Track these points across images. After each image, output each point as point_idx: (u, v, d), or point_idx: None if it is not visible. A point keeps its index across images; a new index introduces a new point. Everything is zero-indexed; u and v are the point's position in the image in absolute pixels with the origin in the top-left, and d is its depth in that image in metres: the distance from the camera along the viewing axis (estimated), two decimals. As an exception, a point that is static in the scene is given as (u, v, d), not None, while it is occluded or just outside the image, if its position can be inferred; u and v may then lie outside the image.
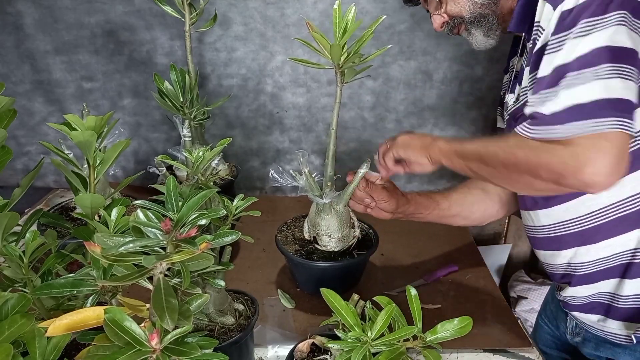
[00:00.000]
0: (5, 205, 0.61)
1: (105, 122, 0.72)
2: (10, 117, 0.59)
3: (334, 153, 1.04)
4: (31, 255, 0.65)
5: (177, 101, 1.27)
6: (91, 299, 0.67)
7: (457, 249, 1.37)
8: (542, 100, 0.77)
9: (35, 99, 1.55)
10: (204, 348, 0.61)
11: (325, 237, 1.10)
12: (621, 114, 0.71)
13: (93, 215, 0.72)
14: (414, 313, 0.72)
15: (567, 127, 0.74)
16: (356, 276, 1.20)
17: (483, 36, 0.95)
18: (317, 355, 0.83)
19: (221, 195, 0.88)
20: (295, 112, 1.57)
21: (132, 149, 1.65)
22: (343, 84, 0.95)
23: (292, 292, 1.19)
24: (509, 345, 1.03)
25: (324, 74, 1.50)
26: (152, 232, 0.55)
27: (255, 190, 1.70)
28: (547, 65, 0.77)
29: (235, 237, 0.66)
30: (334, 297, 0.73)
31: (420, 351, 0.69)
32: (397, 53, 1.47)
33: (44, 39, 1.46)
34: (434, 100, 1.54)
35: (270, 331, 1.06)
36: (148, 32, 1.45)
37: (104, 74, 1.52)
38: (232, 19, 1.43)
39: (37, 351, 0.56)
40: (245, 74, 1.51)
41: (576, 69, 0.73)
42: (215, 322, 0.88)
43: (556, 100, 0.75)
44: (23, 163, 1.65)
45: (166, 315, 0.52)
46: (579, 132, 0.73)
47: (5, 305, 0.56)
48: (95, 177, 0.73)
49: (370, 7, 1.40)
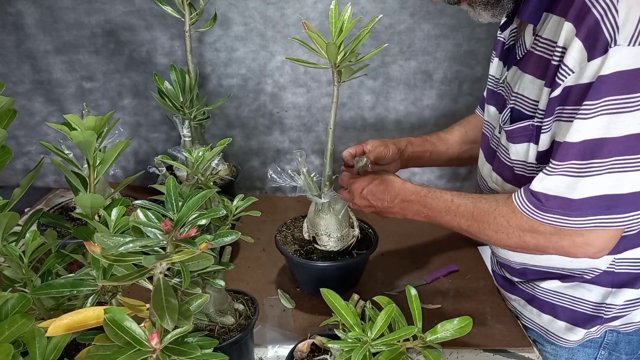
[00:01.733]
0: (5, 205, 0.61)
1: (105, 122, 0.72)
2: (10, 117, 0.60)
3: (332, 153, 1.04)
4: (31, 255, 0.65)
5: (177, 101, 1.27)
6: (91, 299, 0.67)
7: (457, 249, 1.37)
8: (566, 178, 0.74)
9: (35, 99, 1.55)
10: (204, 348, 0.61)
11: (325, 236, 1.10)
12: None
13: (93, 215, 0.72)
14: (414, 313, 0.72)
15: (589, 220, 0.75)
16: (356, 276, 1.20)
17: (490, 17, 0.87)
18: (317, 355, 0.83)
19: (221, 195, 0.88)
20: (295, 112, 1.57)
21: (132, 149, 1.65)
22: (340, 83, 0.95)
23: (292, 292, 1.19)
24: (509, 345, 1.03)
25: (324, 74, 1.50)
26: (152, 232, 0.55)
27: (255, 190, 1.70)
28: (576, 132, 0.72)
29: (235, 237, 0.67)
30: (334, 297, 0.73)
31: (420, 351, 0.69)
32: (397, 53, 1.47)
33: (44, 39, 1.46)
34: (434, 100, 1.54)
35: (270, 331, 1.06)
36: (148, 32, 1.45)
37: (104, 74, 1.52)
38: (232, 19, 1.43)
39: (37, 351, 0.56)
40: (245, 74, 1.51)
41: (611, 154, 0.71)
42: (215, 322, 0.88)
43: (583, 187, 0.73)
44: (23, 163, 1.65)
45: (166, 315, 0.52)
46: (600, 225, 0.76)
47: (5, 305, 0.56)
48: (95, 177, 0.73)
49: (370, 7, 1.40)
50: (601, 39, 0.68)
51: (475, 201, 0.87)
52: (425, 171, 1.65)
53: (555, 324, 0.98)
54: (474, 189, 1.66)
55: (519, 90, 0.86)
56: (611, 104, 0.69)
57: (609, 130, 0.70)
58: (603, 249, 0.79)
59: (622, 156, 0.71)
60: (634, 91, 0.68)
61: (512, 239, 0.83)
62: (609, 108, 0.69)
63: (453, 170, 1.64)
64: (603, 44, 0.68)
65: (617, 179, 0.72)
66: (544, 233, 0.79)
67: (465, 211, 0.87)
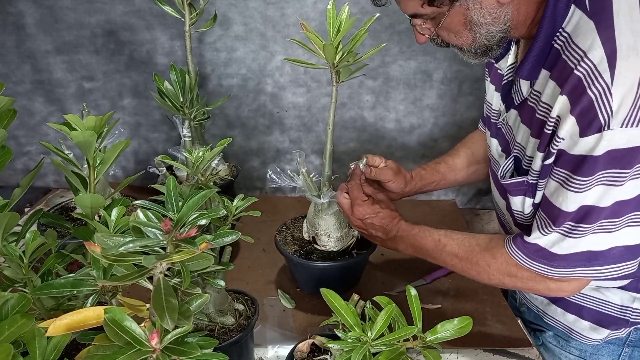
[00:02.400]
0: (5, 205, 0.61)
1: (105, 122, 0.72)
2: (10, 117, 0.60)
3: (331, 152, 1.04)
4: (31, 255, 0.65)
5: (177, 101, 1.27)
6: (91, 299, 0.67)
7: (457, 249, 1.36)
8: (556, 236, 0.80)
9: (36, 99, 1.55)
10: (204, 348, 0.61)
11: (324, 236, 1.10)
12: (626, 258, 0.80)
13: (93, 215, 0.72)
14: (414, 313, 0.72)
15: (570, 271, 0.81)
16: (356, 276, 1.20)
17: (478, 61, 0.88)
18: (317, 355, 0.83)
19: (221, 195, 0.88)
20: (295, 112, 1.57)
21: (132, 149, 1.65)
22: (338, 83, 0.96)
23: (292, 292, 1.19)
24: (509, 345, 1.03)
25: (323, 74, 1.50)
26: (152, 232, 0.55)
27: (255, 190, 1.70)
28: (572, 202, 0.76)
29: (235, 237, 0.66)
30: (333, 297, 0.73)
31: (420, 351, 0.69)
32: (397, 53, 1.47)
33: (44, 39, 1.46)
34: (434, 100, 1.54)
35: (270, 331, 1.06)
36: (148, 32, 1.45)
37: (104, 73, 1.52)
38: (232, 19, 1.43)
39: (37, 351, 0.56)
40: (245, 74, 1.51)
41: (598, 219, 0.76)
42: (215, 322, 0.88)
43: (569, 245, 0.79)
44: (23, 163, 1.65)
45: (166, 315, 0.52)
46: (579, 276, 0.82)
47: (5, 305, 0.56)
48: (95, 177, 0.73)
49: (370, 7, 1.38)
50: (595, 121, 0.69)
51: (460, 243, 0.94)
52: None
53: (580, 323, 0.98)
54: (473, 189, 1.67)
55: (520, 141, 0.88)
56: (604, 177, 0.73)
57: (600, 200, 0.74)
58: (573, 292, 0.89)
59: (606, 219, 0.76)
60: (626, 167, 0.71)
61: (492, 280, 0.90)
62: (602, 180, 0.73)
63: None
64: (596, 125, 0.70)
65: (599, 238, 0.78)
66: (522, 278, 0.87)
67: (450, 251, 0.94)
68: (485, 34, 0.80)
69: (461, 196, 1.68)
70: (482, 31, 0.80)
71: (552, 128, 0.76)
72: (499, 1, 0.77)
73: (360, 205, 1.03)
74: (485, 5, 0.77)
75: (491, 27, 0.79)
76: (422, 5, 0.79)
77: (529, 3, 0.79)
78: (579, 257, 0.80)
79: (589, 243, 0.78)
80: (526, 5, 0.79)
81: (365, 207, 1.03)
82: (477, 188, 1.67)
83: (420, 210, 1.58)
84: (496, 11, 0.78)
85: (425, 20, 0.84)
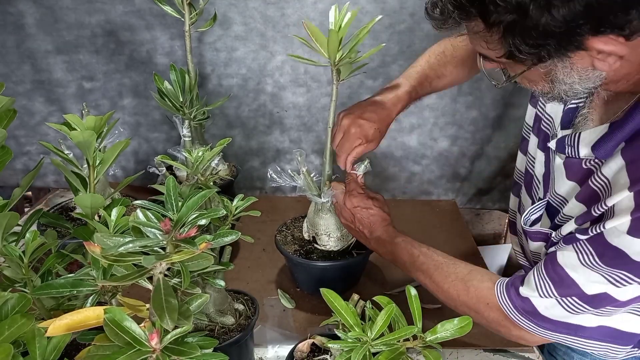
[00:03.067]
0: (5, 205, 0.61)
1: (105, 122, 0.72)
2: (10, 117, 0.59)
3: (331, 152, 1.04)
4: (31, 255, 0.65)
5: (177, 101, 1.27)
6: (91, 299, 0.67)
7: (457, 249, 1.36)
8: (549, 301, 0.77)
9: (36, 99, 1.55)
10: (204, 348, 0.61)
11: (324, 236, 1.10)
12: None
13: (93, 215, 0.72)
14: (414, 313, 0.72)
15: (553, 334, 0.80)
16: (356, 276, 1.20)
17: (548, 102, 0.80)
18: (317, 355, 0.83)
19: (221, 195, 0.88)
20: (295, 111, 1.57)
21: (132, 149, 1.65)
22: (339, 81, 0.96)
23: (292, 292, 1.19)
24: (509, 345, 1.03)
25: (324, 74, 1.50)
26: (152, 232, 0.55)
27: (255, 190, 1.70)
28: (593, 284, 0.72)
29: (235, 237, 0.66)
30: (334, 297, 0.73)
31: (420, 351, 0.69)
32: (397, 53, 1.46)
33: (44, 39, 1.46)
34: (434, 100, 1.54)
35: (270, 331, 1.06)
36: (148, 32, 1.45)
37: (104, 73, 1.52)
38: (232, 18, 1.43)
39: (37, 351, 0.56)
40: (245, 73, 1.51)
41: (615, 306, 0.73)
42: (215, 322, 0.88)
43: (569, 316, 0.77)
44: (23, 163, 1.65)
45: (166, 315, 0.52)
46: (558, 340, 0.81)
47: (5, 305, 0.56)
48: (95, 177, 0.73)
49: (370, 7, 1.40)
50: None
51: (437, 266, 0.91)
52: (426, 171, 1.65)
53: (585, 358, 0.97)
54: (473, 188, 1.67)
55: (563, 195, 0.82)
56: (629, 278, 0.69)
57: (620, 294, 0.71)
58: (536, 344, 0.90)
59: (613, 308, 0.74)
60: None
61: (458, 309, 0.89)
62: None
63: (453, 170, 1.64)
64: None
65: (596, 319, 0.77)
66: (487, 318, 0.85)
67: (426, 270, 0.92)
68: (566, 90, 0.69)
69: (461, 196, 1.68)
70: (563, 87, 0.68)
71: (603, 213, 0.69)
72: (594, 65, 0.63)
73: (355, 196, 1.03)
74: (577, 68, 0.64)
75: (576, 86, 0.67)
76: (497, 57, 0.67)
77: (632, 64, 0.64)
78: (568, 326, 0.78)
79: (583, 320, 0.76)
80: (629, 65, 0.64)
81: (359, 198, 1.03)
82: (477, 188, 1.67)
83: (420, 210, 1.58)
84: (589, 73, 0.65)
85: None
